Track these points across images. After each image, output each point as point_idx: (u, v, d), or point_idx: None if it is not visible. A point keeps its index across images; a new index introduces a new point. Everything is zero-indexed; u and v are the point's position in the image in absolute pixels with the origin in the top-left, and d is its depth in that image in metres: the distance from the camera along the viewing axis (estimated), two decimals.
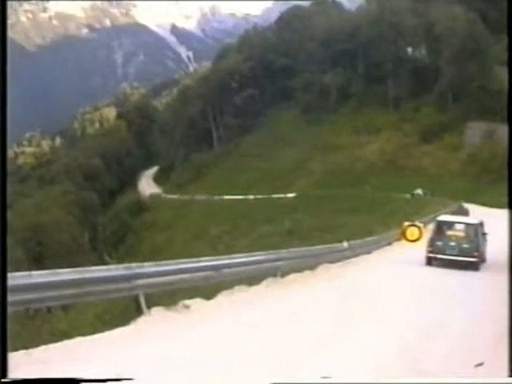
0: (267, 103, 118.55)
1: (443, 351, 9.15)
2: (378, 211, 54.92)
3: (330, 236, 35.06)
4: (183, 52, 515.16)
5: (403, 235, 24.95)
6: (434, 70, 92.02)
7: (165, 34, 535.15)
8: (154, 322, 10.02)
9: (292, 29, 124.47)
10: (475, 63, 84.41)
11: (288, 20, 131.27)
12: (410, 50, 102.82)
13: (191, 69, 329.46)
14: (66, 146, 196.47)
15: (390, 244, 29.59)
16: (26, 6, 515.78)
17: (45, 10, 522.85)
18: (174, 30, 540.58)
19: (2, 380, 5.87)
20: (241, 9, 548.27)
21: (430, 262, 22.17)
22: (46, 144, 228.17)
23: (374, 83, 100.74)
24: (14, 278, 8.11)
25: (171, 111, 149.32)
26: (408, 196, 65.64)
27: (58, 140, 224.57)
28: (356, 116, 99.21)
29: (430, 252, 22.05)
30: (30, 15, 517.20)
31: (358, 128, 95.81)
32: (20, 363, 6.98)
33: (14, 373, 6.44)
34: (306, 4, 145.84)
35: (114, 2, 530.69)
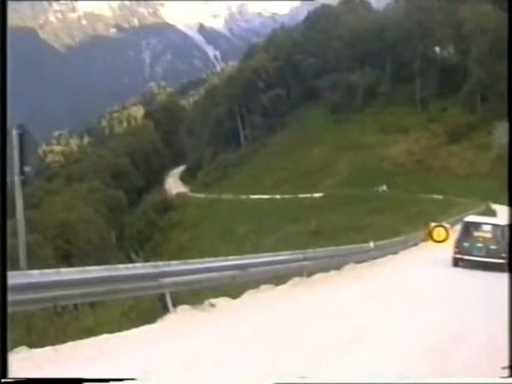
0: (294, 102, 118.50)
1: (468, 353, 9.11)
2: (405, 211, 54.67)
3: (357, 236, 34.89)
4: (210, 51, 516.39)
5: (430, 236, 24.83)
6: (462, 69, 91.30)
7: (192, 33, 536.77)
8: (180, 320, 10.04)
9: (319, 28, 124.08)
10: (504, 63, 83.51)
11: (315, 19, 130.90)
12: (437, 49, 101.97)
13: (218, 68, 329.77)
14: (94, 145, 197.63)
15: (416, 245, 29.45)
16: (56, 6, 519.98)
17: (74, 9, 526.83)
18: (202, 29, 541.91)
19: (2, 380, 5.96)
20: (268, 8, 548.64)
21: (456, 263, 21.98)
22: (74, 142, 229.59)
23: (402, 82, 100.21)
24: (43, 275, 8.26)
25: (198, 110, 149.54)
26: (436, 196, 65.15)
27: (86, 138, 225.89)
28: (383, 115, 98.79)
29: (457, 253, 21.85)
30: (59, 15, 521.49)
31: (385, 127, 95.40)
32: (47, 359, 7.09)
33: (40, 368, 6.56)
34: (333, 3, 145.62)
35: (141, 2, 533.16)
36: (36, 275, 8.21)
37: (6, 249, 6.45)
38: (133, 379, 6.23)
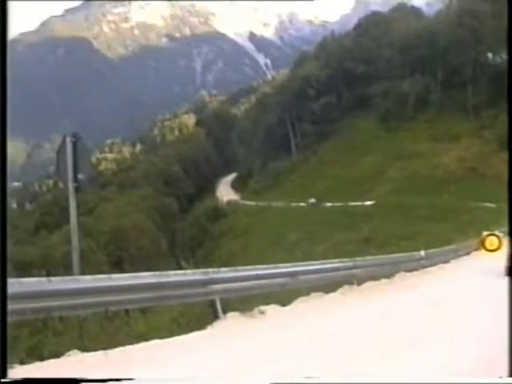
0: (345, 110, 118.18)
1: None
2: (457, 219, 54.05)
3: (408, 244, 34.63)
4: (261, 59, 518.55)
5: (482, 245, 24.44)
6: None
7: (243, 41, 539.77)
8: (230, 327, 10.09)
9: (370, 35, 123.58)
10: None
11: (366, 26, 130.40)
12: (490, 55, 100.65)
13: (269, 76, 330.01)
14: (146, 153, 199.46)
15: (468, 253, 29.09)
16: (109, 16, 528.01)
17: (127, 20, 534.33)
18: (253, 37, 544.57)
19: (2, 380, 6.07)
20: (319, 16, 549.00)
21: (510, 272, 21.60)
22: (126, 150, 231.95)
23: (453, 90, 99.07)
24: (95, 281, 8.43)
25: (249, 118, 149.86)
26: (488, 205, 64.19)
27: (138, 146, 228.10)
28: (434, 123, 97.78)
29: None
30: (112, 26, 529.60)
31: (436, 135, 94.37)
32: (98, 363, 7.22)
33: (91, 372, 6.68)
34: (384, 10, 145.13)
35: (193, 11, 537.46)
36: (88, 281, 8.38)
37: (5, 248, 6.57)
38: (130, 379, 6.31)
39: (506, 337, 9.77)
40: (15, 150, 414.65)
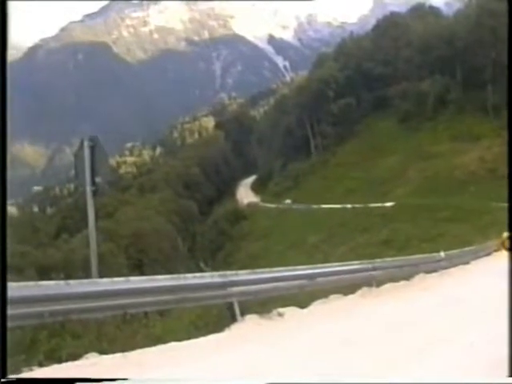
0: (364, 111, 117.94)
1: None
2: (477, 220, 53.69)
3: (428, 245, 34.48)
4: (280, 62, 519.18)
5: (503, 245, 24.36)
6: None
7: (262, 44, 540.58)
8: (248, 329, 10.04)
9: (389, 36, 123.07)
10: None
11: (385, 27, 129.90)
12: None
13: (288, 78, 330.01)
14: (166, 156, 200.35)
15: (488, 254, 28.87)
16: (128, 21, 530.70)
17: (145, 24, 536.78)
18: (271, 40, 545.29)
19: (2, 380, 6.11)
20: (337, 17, 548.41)
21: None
22: (146, 153, 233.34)
23: (473, 89, 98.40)
24: (113, 283, 8.48)
25: (269, 121, 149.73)
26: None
27: (158, 149, 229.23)
28: (454, 123, 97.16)
29: None
30: (131, 30, 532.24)
31: (456, 135, 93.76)
32: (116, 365, 7.27)
33: (110, 374, 6.73)
34: (402, 10, 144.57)
35: (212, 15, 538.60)
36: (106, 283, 8.44)
37: (5, 248, 6.64)
38: (125, 379, 6.34)
39: None
40: (36, 154, 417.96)
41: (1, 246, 6.54)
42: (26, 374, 6.66)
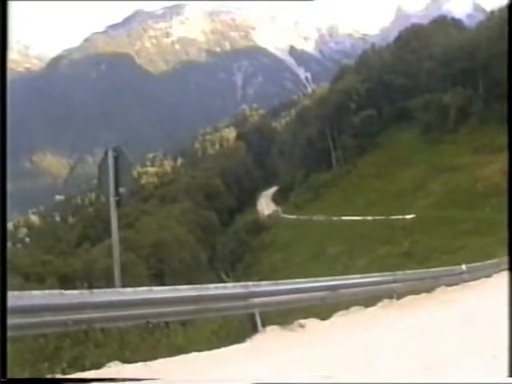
0: (385, 123, 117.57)
1: None
2: (499, 233, 53.28)
3: (449, 258, 34.33)
4: (301, 73, 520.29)
5: None
6: None
7: (283, 55, 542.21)
8: (269, 340, 10.05)
9: (410, 48, 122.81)
10: None
11: (406, 39, 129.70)
12: None
13: (309, 90, 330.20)
14: (187, 166, 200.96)
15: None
16: (151, 32, 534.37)
17: (168, 35, 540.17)
18: (293, 51, 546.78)
19: (2, 380, 6.15)
20: (358, 29, 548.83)
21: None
22: (168, 164, 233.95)
23: (495, 102, 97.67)
24: (136, 293, 8.55)
25: (290, 132, 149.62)
26: None
27: (179, 160, 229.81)
28: (476, 136, 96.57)
29: None
30: (154, 41, 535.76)
31: (478, 148, 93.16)
32: (138, 374, 7.31)
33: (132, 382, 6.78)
34: (424, 22, 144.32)
35: (233, 26, 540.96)
36: (129, 293, 8.51)
37: (5, 249, 6.71)
38: (112, 379, 6.37)
39: None
40: (58, 164, 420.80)
41: (1, 245, 6.63)
42: None
